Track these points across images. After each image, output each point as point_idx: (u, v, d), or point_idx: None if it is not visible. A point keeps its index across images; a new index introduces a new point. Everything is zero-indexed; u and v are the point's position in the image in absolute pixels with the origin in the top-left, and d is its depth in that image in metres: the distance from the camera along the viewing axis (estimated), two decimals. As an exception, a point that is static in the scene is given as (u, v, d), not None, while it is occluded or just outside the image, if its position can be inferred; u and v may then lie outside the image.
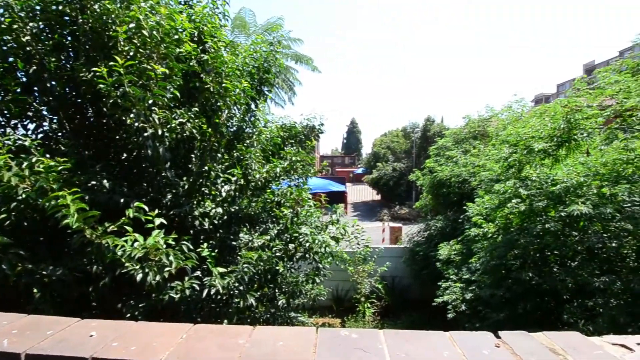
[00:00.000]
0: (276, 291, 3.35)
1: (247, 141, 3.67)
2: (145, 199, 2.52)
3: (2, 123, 2.64)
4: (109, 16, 2.49)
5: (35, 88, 2.70)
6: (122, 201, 2.38)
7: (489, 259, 4.64)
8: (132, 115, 2.38)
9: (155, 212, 2.12)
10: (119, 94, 2.32)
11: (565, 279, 3.68)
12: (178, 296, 2.23)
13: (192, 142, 3.00)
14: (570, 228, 3.95)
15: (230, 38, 3.64)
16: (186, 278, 2.30)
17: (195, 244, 2.38)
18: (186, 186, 2.91)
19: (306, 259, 3.27)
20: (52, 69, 2.57)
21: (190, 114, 2.79)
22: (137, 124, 2.41)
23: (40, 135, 2.74)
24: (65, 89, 2.75)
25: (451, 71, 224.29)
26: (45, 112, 2.75)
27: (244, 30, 14.39)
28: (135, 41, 2.51)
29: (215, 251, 2.59)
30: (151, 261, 2.04)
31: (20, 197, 2.02)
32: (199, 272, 2.46)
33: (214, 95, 3.04)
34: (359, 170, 46.58)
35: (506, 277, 4.37)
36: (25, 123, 2.71)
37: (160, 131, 2.49)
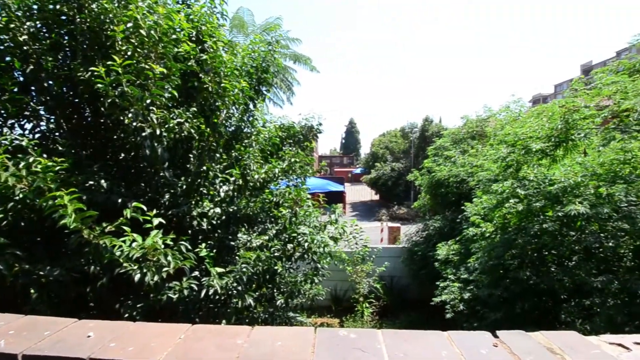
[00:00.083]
0: (275, 291, 3.34)
1: (245, 141, 3.67)
2: (143, 199, 2.52)
3: (-1, 123, 2.63)
4: (107, 15, 2.49)
5: (32, 87, 2.68)
6: (120, 201, 2.38)
7: (487, 259, 4.65)
8: (130, 114, 2.37)
9: (154, 212, 2.11)
10: (117, 94, 2.31)
11: (563, 279, 3.70)
12: (176, 296, 2.23)
13: (190, 142, 2.99)
14: (567, 228, 3.97)
15: (229, 38, 3.64)
16: (184, 278, 2.30)
17: (193, 244, 2.38)
18: (184, 186, 2.90)
19: (305, 259, 3.27)
20: (49, 68, 2.56)
21: (189, 113, 2.79)
22: (135, 123, 2.41)
23: (37, 135, 2.73)
24: (63, 88, 2.74)
25: (450, 71, 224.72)
26: (42, 112, 2.74)
27: (243, 30, 14.37)
28: (132, 41, 2.50)
29: (214, 251, 2.59)
30: (149, 261, 2.04)
31: (17, 197, 2.01)
32: (197, 273, 2.46)
33: (212, 95, 3.03)
34: (357, 170, 46.59)
35: (504, 276, 4.38)
36: (22, 123, 2.70)
37: (159, 131, 2.49)
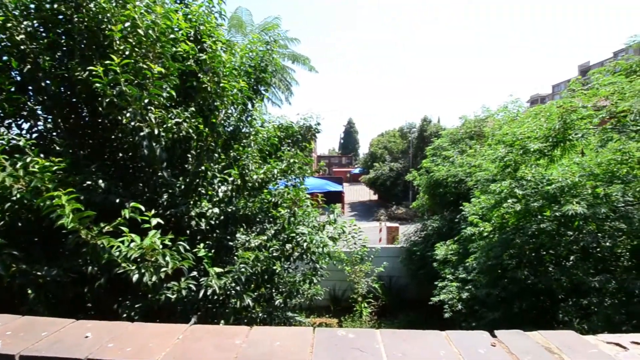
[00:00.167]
0: (273, 291, 3.34)
1: (244, 141, 3.66)
2: (141, 199, 2.51)
3: (-4, 122, 2.61)
4: (105, 15, 2.48)
5: (29, 87, 2.67)
6: (118, 201, 2.37)
7: (485, 259, 4.66)
8: (128, 114, 2.37)
9: (152, 212, 2.11)
10: (115, 93, 2.30)
11: (561, 278, 3.71)
12: (174, 297, 2.22)
13: (189, 142, 2.98)
14: (565, 228, 3.99)
15: (227, 37, 3.63)
16: (182, 278, 2.29)
17: (191, 245, 2.37)
18: (182, 186, 2.90)
19: (303, 259, 3.27)
20: (47, 68, 2.55)
21: (187, 113, 2.78)
22: (133, 123, 2.40)
23: (34, 135, 2.72)
24: (60, 88, 2.73)
25: (449, 71, 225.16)
26: (39, 112, 2.73)
27: (241, 30, 14.35)
28: (130, 40, 2.49)
29: (212, 251, 2.59)
30: (147, 262, 2.03)
31: (14, 197, 2.00)
32: (195, 273, 2.45)
33: (211, 95, 3.03)
34: (356, 170, 46.59)
35: (502, 276, 4.39)
36: (19, 122, 2.69)
37: (157, 131, 2.48)
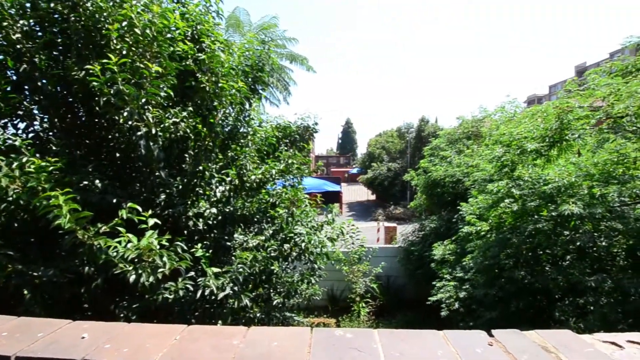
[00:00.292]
0: (271, 291, 3.34)
1: (241, 141, 3.65)
2: (138, 199, 2.50)
3: (-8, 122, 2.59)
4: (101, 14, 2.46)
5: (25, 87, 2.65)
6: (115, 201, 2.36)
7: (482, 258, 4.68)
8: (125, 113, 2.35)
9: (149, 212, 2.10)
10: (112, 92, 2.29)
11: (557, 278, 3.73)
12: (172, 297, 2.22)
13: (186, 142, 2.97)
14: (561, 227, 4.01)
15: (225, 37, 3.62)
16: (180, 279, 2.29)
17: (189, 245, 2.36)
18: (180, 186, 2.89)
19: (301, 259, 3.27)
20: (43, 67, 2.53)
21: (185, 113, 2.77)
22: (131, 122, 2.39)
23: (30, 135, 2.70)
24: (57, 87, 2.71)
25: (447, 71, 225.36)
26: (35, 111, 2.71)
27: (239, 30, 14.33)
28: (127, 39, 2.48)
29: (210, 252, 2.58)
30: (145, 262, 2.03)
31: (10, 198, 1.99)
32: (193, 273, 2.45)
33: (209, 94, 3.02)
34: (354, 170, 46.67)
35: (499, 276, 4.41)
36: (15, 122, 2.67)
37: (154, 130, 2.47)
